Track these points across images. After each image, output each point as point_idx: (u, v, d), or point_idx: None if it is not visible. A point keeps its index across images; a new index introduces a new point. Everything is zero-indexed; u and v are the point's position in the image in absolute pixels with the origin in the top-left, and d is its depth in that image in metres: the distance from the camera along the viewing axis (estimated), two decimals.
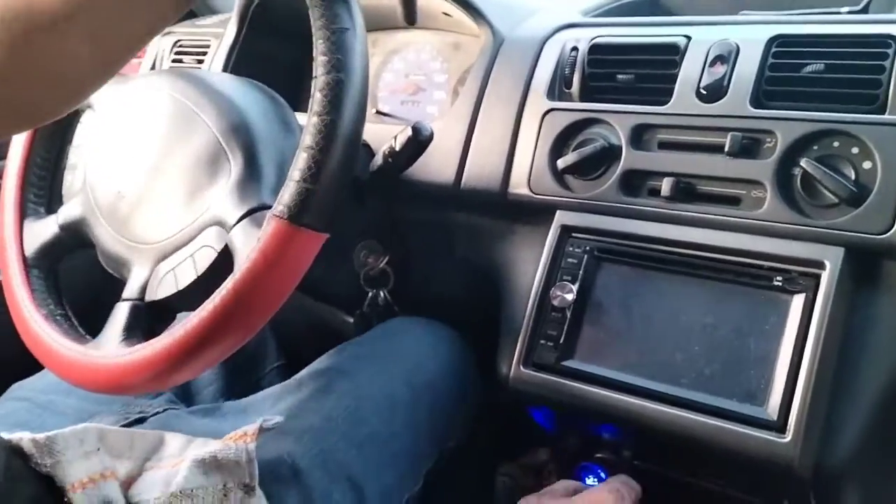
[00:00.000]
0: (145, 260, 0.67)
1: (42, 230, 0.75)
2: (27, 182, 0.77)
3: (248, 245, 0.58)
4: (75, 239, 0.75)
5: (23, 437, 0.57)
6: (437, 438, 0.80)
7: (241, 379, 0.97)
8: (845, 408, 0.60)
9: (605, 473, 0.77)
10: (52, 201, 0.79)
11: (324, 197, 0.55)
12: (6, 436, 0.57)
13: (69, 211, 0.75)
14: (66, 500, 0.54)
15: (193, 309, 0.58)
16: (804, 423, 0.59)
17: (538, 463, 0.96)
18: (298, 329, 1.08)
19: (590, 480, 0.78)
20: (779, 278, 0.65)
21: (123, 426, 0.72)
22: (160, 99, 0.72)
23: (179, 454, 0.63)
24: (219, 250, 0.63)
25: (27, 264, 0.74)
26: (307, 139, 0.55)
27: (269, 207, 0.57)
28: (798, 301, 0.63)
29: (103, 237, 0.72)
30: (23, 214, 0.76)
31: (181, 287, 0.64)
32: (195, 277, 0.64)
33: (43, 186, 0.79)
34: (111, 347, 0.63)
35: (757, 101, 0.69)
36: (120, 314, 0.65)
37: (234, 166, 0.65)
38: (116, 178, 0.72)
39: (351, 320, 1.09)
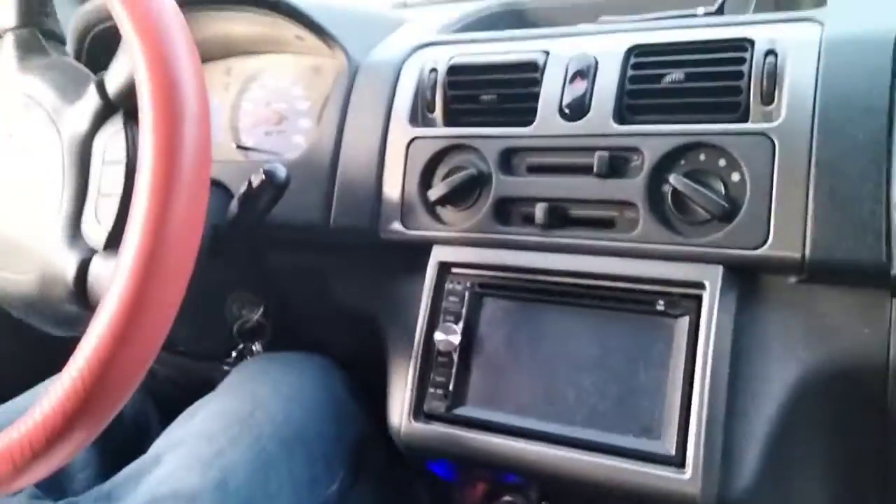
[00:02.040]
0: None
1: None
2: None
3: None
4: None
5: None
6: (318, 489, 0.75)
7: (121, 459, 0.88)
8: (742, 435, 0.58)
9: None
10: None
11: None
12: None
13: None
14: None
15: None
16: (702, 457, 0.57)
17: None
18: (180, 391, 1.00)
19: None
20: (661, 302, 0.62)
21: None
22: None
23: None
24: None
25: None
26: None
27: None
28: (682, 324, 0.61)
29: None
30: None
31: None
32: None
33: None
34: None
35: (620, 117, 0.66)
36: None
37: None
38: None
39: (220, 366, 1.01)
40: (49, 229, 0.62)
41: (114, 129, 0.62)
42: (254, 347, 0.87)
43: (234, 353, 0.88)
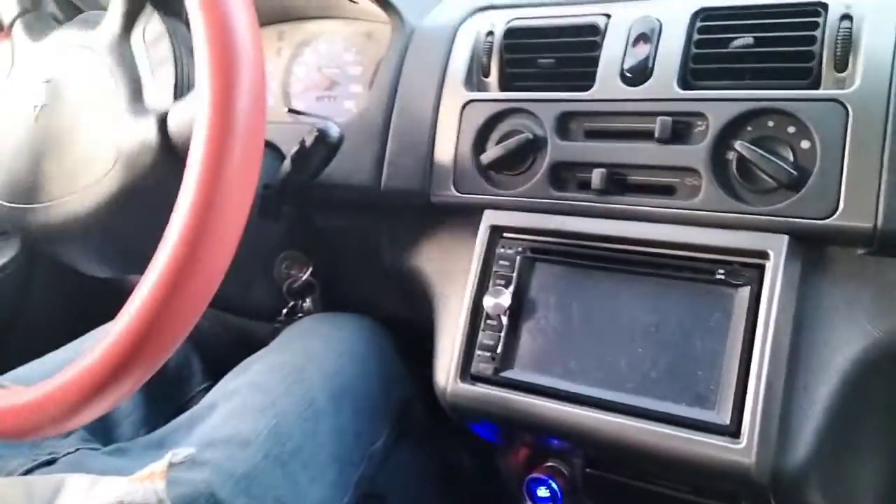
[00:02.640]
0: None
1: None
2: None
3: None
4: None
5: None
6: (363, 443, 0.76)
7: (164, 406, 0.90)
8: (800, 407, 0.57)
9: (557, 484, 0.73)
10: None
11: None
12: None
13: None
14: None
15: None
16: (759, 427, 0.56)
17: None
18: (223, 345, 1.01)
19: (541, 492, 0.73)
20: (721, 271, 0.61)
21: (30, 470, 0.65)
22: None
23: (82, 499, 0.56)
24: None
25: None
26: None
27: None
28: (743, 294, 0.59)
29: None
30: None
31: None
32: None
33: None
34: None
35: (684, 82, 0.64)
36: None
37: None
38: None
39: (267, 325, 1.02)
40: (116, 122, 0.63)
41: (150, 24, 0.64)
42: (304, 305, 0.87)
43: (284, 311, 0.88)
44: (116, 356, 0.49)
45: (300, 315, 0.91)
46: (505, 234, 0.71)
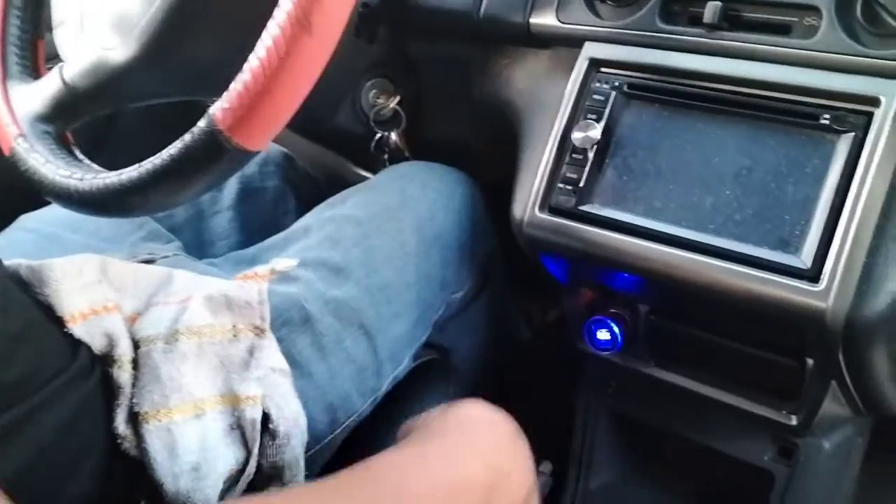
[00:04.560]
0: None
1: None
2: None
3: None
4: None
5: (20, 264, 0.55)
6: (446, 288, 0.78)
7: (257, 236, 0.94)
8: (884, 262, 0.56)
9: (619, 327, 0.74)
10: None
11: None
12: (5, 262, 0.54)
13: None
14: (65, 331, 0.51)
15: None
16: (840, 273, 0.55)
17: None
18: (318, 188, 1.04)
19: (601, 334, 0.75)
20: (826, 116, 0.59)
21: None
22: None
23: (187, 292, 0.60)
24: None
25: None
26: None
27: None
28: (845, 141, 0.57)
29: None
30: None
31: None
32: None
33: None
34: None
35: None
36: None
37: None
38: None
39: (363, 173, 1.05)
40: None
41: None
42: (391, 137, 0.88)
43: (373, 143, 0.89)
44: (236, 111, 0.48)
45: (386, 149, 0.92)
46: (602, 69, 0.70)
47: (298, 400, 0.56)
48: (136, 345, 0.54)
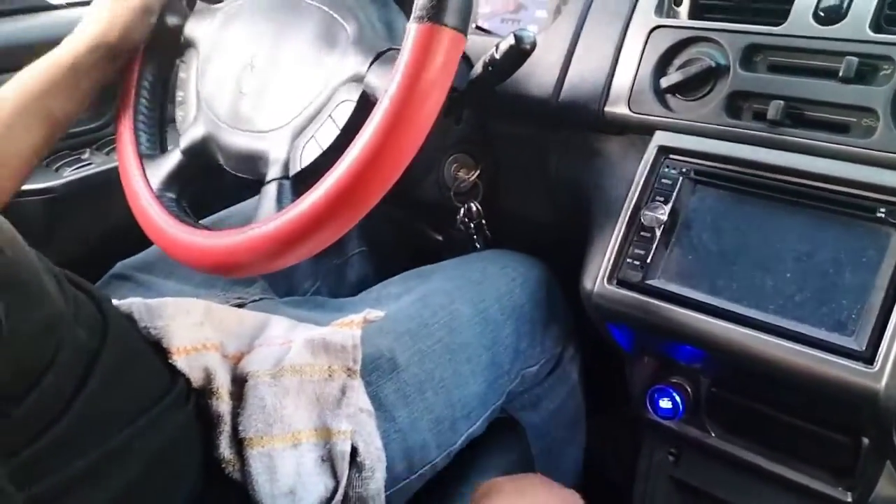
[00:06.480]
0: (281, 141, 0.70)
1: (164, 164, 0.77)
2: (137, 130, 0.79)
3: (387, 76, 0.60)
4: (200, 162, 0.77)
5: (134, 301, 0.62)
6: (519, 358, 0.83)
7: (324, 260, 1.01)
8: None
9: (681, 397, 0.78)
10: (163, 142, 0.82)
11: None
12: (116, 303, 0.62)
13: (191, 135, 0.77)
14: (170, 362, 0.58)
15: None
16: (893, 356, 0.59)
17: None
18: (386, 238, 1.12)
19: (663, 402, 0.78)
20: (882, 210, 0.63)
21: None
22: (259, 5, 0.74)
23: (285, 336, 0.67)
24: (356, 99, 0.66)
25: (155, 195, 0.75)
26: None
27: (396, 49, 0.59)
28: None
29: (232, 142, 0.74)
30: (141, 160, 0.78)
31: (325, 147, 0.67)
32: (338, 132, 0.67)
33: (153, 133, 0.81)
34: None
35: (877, 25, 0.66)
36: (269, 193, 0.68)
37: (350, 27, 0.69)
38: (232, 83, 0.75)
39: (439, 237, 1.12)
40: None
41: None
42: (473, 208, 0.95)
43: (458, 219, 0.96)
44: (324, 206, 0.59)
45: (467, 219, 0.99)
46: (671, 156, 0.76)
47: (381, 440, 0.62)
48: (243, 378, 0.60)
